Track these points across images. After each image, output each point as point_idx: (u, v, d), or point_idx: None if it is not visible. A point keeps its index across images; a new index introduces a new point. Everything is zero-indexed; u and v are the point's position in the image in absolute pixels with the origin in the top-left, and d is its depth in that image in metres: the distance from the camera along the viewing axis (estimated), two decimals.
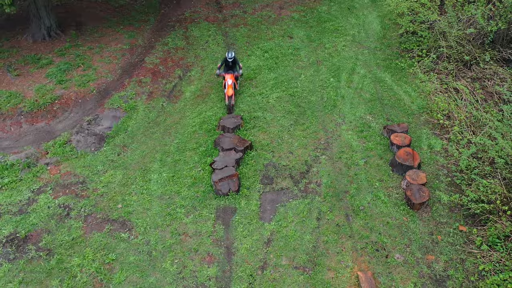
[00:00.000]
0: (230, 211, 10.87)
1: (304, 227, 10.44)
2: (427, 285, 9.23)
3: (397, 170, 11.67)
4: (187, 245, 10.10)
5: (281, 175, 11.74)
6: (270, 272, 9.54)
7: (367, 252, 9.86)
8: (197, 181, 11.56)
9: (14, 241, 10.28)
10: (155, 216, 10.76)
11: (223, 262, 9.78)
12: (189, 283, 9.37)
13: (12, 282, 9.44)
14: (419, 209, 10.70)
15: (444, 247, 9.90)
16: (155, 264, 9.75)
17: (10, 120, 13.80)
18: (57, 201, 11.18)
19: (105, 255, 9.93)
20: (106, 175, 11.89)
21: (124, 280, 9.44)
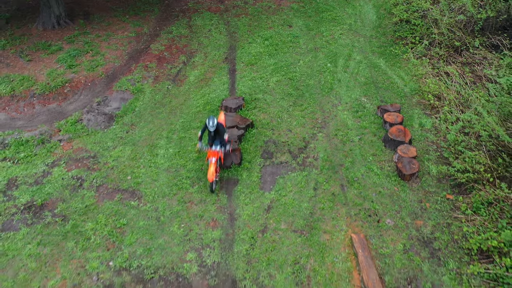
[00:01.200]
0: (232, 182, 11.62)
1: (301, 196, 11.18)
2: (415, 245, 9.97)
3: (389, 146, 12.42)
4: (192, 212, 10.85)
5: (280, 150, 12.49)
6: (270, 235, 10.29)
7: (360, 217, 10.61)
8: (202, 156, 12.31)
9: (31, 208, 11.03)
10: (163, 186, 11.51)
11: (227, 226, 10.52)
12: (195, 244, 10.12)
13: (30, 244, 10.19)
14: (409, 180, 11.45)
15: (432, 213, 10.65)
16: (163, 228, 10.49)
17: (23, 102, 14.54)
18: (70, 174, 11.93)
19: (117, 220, 10.67)
20: (116, 151, 12.64)
21: (134, 241, 10.19)
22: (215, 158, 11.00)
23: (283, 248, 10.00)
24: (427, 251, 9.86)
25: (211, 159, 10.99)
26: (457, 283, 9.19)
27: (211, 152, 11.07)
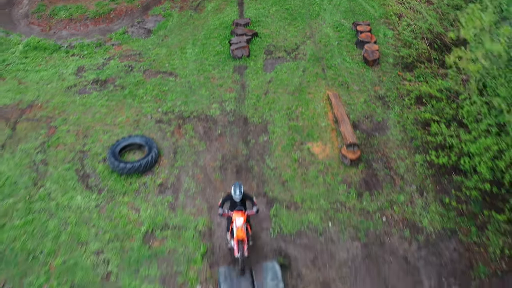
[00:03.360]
0: (243, 67, 15.83)
1: (293, 75, 15.39)
2: (372, 99, 14.20)
3: (359, 47, 16.62)
4: (214, 83, 15.06)
5: (278, 50, 16.70)
6: (271, 95, 14.51)
7: (335, 85, 14.84)
8: (220, 53, 16.52)
9: (98, 82, 15.24)
10: (192, 70, 15.73)
11: (239, 91, 14.74)
12: (217, 100, 14.33)
13: (101, 100, 14.41)
14: (372, 65, 15.66)
15: (386, 83, 14.86)
16: (194, 91, 14.71)
17: (79, 23, 18.75)
18: (123, 63, 16.15)
19: (160, 87, 14.88)
20: (155, 50, 16.86)
21: (175, 98, 14.40)
22: (242, 220, 9.04)
23: (280, 102, 14.22)
24: (381, 102, 14.10)
25: (237, 222, 9.03)
26: (399, 117, 13.42)
27: (237, 213, 9.14)
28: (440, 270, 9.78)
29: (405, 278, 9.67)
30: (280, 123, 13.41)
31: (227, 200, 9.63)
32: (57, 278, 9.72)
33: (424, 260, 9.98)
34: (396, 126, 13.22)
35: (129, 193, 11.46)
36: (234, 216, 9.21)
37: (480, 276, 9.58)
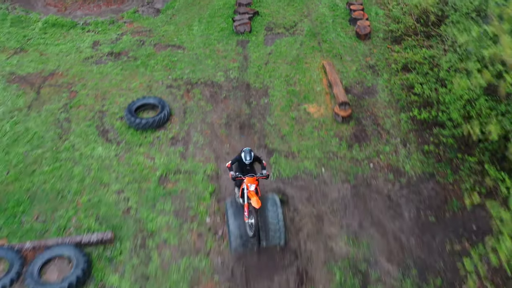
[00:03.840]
0: (245, 41, 17.23)
1: (291, 48, 16.79)
2: (363, 68, 15.59)
3: (352, 23, 18.01)
4: (219, 54, 16.46)
5: (278, 27, 18.10)
6: (271, 65, 15.90)
7: (330, 56, 16.23)
8: (224, 29, 17.91)
9: (112, 54, 16.63)
10: (198, 43, 17.12)
11: (242, 61, 16.14)
12: (222, 69, 15.72)
13: (116, 69, 15.80)
14: (364, 39, 17.05)
15: (377, 54, 16.25)
16: (201, 61, 16.10)
17: (93, 4, 20.12)
18: (134, 38, 17.54)
19: (170, 58, 16.28)
20: (164, 27, 18.25)
21: (183, 67, 15.80)
22: (254, 185, 9.67)
23: (279, 70, 15.61)
24: (371, 70, 15.50)
25: (249, 186, 9.64)
26: (387, 82, 14.82)
27: (249, 179, 9.71)
28: (419, 205, 11.18)
29: (388, 212, 11.07)
30: (279, 88, 14.80)
31: (235, 161, 10.20)
32: (83, 212, 11.12)
33: (405, 198, 11.38)
34: (384, 90, 14.62)
35: (145, 144, 12.86)
36: (246, 181, 9.75)
37: (453, 209, 10.98)
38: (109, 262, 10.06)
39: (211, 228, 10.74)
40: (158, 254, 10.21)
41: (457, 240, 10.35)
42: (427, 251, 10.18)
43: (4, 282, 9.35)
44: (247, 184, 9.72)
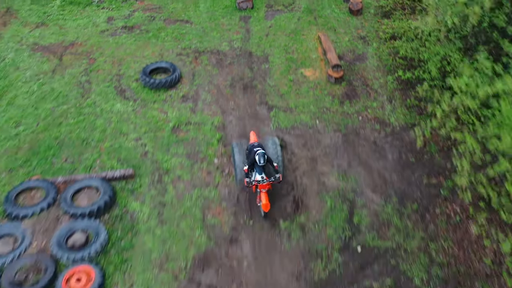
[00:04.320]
0: (247, 17, 18.75)
1: (290, 22, 18.32)
2: (355, 39, 17.14)
3: (346, 1, 19.52)
4: (224, 28, 17.99)
5: (277, 4, 19.60)
6: (271, 36, 17.43)
7: (325, 29, 17.77)
8: (227, 7, 19.43)
9: (126, 27, 18.17)
10: (204, 18, 18.64)
11: (245, 33, 17.68)
12: (226, 40, 17.25)
13: (130, 40, 17.34)
14: (356, 14, 18.60)
15: (367, 28, 17.77)
16: (207, 34, 17.64)
17: None
18: (145, 14, 19.07)
19: (179, 31, 17.81)
20: (172, 5, 19.76)
21: (191, 39, 17.34)
22: (265, 189, 10.71)
23: (278, 41, 17.16)
24: (362, 41, 17.04)
25: (262, 190, 10.67)
26: (376, 50, 16.37)
27: (262, 185, 10.65)
28: (401, 149, 12.74)
29: (373, 154, 12.62)
30: (279, 56, 16.34)
31: (251, 163, 10.80)
32: (106, 155, 12.67)
33: (389, 143, 12.93)
34: (373, 56, 16.16)
35: (158, 101, 14.40)
36: (260, 187, 10.67)
37: (431, 151, 12.53)
38: (131, 193, 11.62)
39: (219, 167, 12.29)
40: (173, 187, 11.77)
41: (433, 175, 11.91)
42: (406, 184, 11.74)
43: (42, 206, 10.91)
44: (260, 188, 10.70)
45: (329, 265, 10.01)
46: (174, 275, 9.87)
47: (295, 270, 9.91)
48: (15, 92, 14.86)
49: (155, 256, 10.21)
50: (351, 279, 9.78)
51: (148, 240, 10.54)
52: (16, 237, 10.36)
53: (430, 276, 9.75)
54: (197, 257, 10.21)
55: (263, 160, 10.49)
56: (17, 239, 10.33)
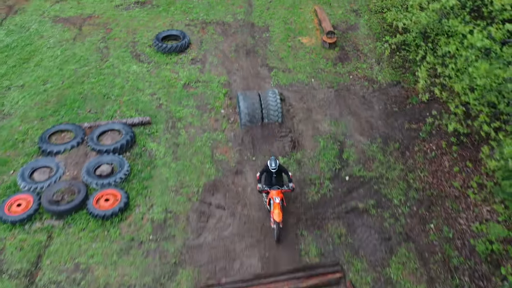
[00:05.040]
0: None
1: None
2: (348, 12, 18.74)
3: None
4: (228, 2, 19.57)
5: None
6: (271, 10, 19.04)
7: (320, 3, 19.38)
8: None
9: (138, 2, 19.76)
10: None
11: (247, 7, 19.28)
12: (230, 13, 18.87)
13: (142, 14, 18.95)
14: None
15: (359, 1, 19.37)
16: (213, 7, 19.23)
17: None
18: None
19: (187, 5, 19.40)
20: None
21: (198, 12, 18.95)
22: (279, 198, 10.31)
23: (278, 13, 18.77)
24: (354, 13, 18.65)
25: (275, 199, 10.30)
26: (367, 21, 17.98)
27: (274, 192, 10.39)
28: (386, 101, 14.36)
29: (362, 106, 14.24)
30: (278, 26, 17.97)
31: (264, 172, 10.75)
32: (125, 107, 14.30)
33: (376, 97, 14.55)
34: (364, 26, 17.78)
35: (170, 63, 16.03)
36: (272, 194, 10.40)
37: (412, 103, 14.15)
38: (149, 136, 13.26)
39: (225, 116, 13.93)
40: (185, 131, 13.41)
41: (414, 122, 13.53)
42: (390, 128, 13.37)
43: (72, 144, 12.55)
44: (273, 196, 10.38)
45: (321, 190, 11.65)
46: (188, 197, 11.51)
47: (292, 194, 11.53)
48: (41, 56, 16.50)
49: (171, 183, 11.85)
50: (339, 200, 11.41)
51: (164, 171, 12.18)
52: (51, 168, 12.01)
53: (407, 198, 11.38)
54: (208, 184, 11.84)
55: (275, 164, 10.41)
56: (52, 169, 11.97)
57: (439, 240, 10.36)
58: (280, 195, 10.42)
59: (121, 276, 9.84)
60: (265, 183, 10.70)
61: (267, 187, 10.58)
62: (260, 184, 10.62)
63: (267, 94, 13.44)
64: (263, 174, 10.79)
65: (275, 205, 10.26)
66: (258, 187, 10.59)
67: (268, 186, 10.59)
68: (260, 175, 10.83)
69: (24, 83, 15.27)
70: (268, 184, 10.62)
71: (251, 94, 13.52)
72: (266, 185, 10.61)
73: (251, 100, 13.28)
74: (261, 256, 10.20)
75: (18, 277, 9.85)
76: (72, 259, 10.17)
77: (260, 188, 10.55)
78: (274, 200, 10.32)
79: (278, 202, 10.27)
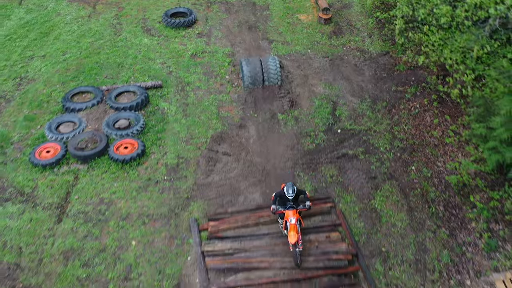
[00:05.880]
0: None
1: None
2: None
3: None
4: None
5: None
6: None
7: None
8: None
9: None
10: None
11: None
12: None
13: None
14: None
15: None
16: None
17: None
18: None
19: None
20: None
21: None
22: (295, 219, 9.60)
23: None
24: None
25: (290, 220, 9.60)
26: (360, 0, 19.41)
27: (289, 213, 9.68)
28: (376, 68, 15.79)
29: (354, 72, 15.67)
30: (278, 5, 19.39)
31: (279, 196, 9.97)
32: (139, 73, 15.73)
33: (367, 65, 15.98)
34: (358, 5, 19.20)
35: (178, 37, 17.46)
36: (287, 215, 9.70)
37: (400, 69, 15.58)
38: (161, 97, 14.69)
39: (230, 81, 15.36)
40: (193, 93, 14.84)
41: (400, 85, 14.95)
42: (378, 90, 14.80)
43: (93, 102, 13.98)
44: (288, 218, 9.66)
45: (316, 141, 13.08)
46: (197, 146, 12.94)
47: (289, 144, 12.96)
48: (59, 31, 17.94)
49: (182, 135, 13.28)
50: (332, 149, 12.84)
51: (176, 126, 13.61)
52: (75, 122, 13.43)
53: (392, 146, 12.81)
54: (215, 135, 13.28)
55: (292, 191, 9.65)
56: (76, 123, 13.40)
57: (418, 179, 11.79)
58: (296, 215, 9.69)
59: (141, 207, 11.27)
60: (279, 204, 9.97)
61: (281, 207, 9.88)
62: (275, 205, 9.92)
63: (268, 59, 14.87)
64: (277, 198, 10.03)
65: (291, 227, 9.51)
66: (272, 208, 9.90)
67: (282, 206, 9.88)
68: (274, 197, 10.09)
69: (45, 54, 16.71)
70: (282, 205, 9.92)
71: (253, 60, 14.95)
72: (281, 206, 9.90)
73: (253, 65, 14.71)
74: (262, 192, 11.63)
75: (50, 208, 11.27)
76: (97, 194, 11.60)
77: (274, 210, 9.86)
78: (289, 222, 9.59)
79: (294, 223, 9.54)
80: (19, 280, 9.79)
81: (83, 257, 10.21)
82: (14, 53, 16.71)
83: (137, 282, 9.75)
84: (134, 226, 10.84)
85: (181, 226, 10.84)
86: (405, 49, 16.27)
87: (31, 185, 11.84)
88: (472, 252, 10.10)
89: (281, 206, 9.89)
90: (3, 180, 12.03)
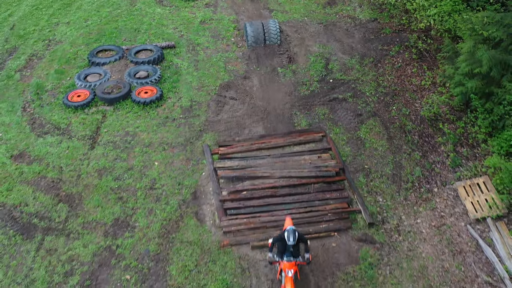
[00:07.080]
0: None
1: None
2: None
3: None
4: None
5: None
6: None
7: None
8: None
9: None
10: None
11: None
12: None
13: None
14: None
15: None
16: None
17: None
18: None
19: None
20: None
21: None
22: (292, 272, 8.83)
23: None
24: None
25: (287, 272, 8.83)
26: None
27: (287, 264, 8.87)
28: (365, 32, 17.74)
29: (345, 35, 17.63)
30: None
31: (278, 241, 8.99)
32: (154, 36, 17.67)
33: (357, 30, 17.94)
34: None
35: (188, 7, 19.43)
36: (284, 266, 8.84)
37: (386, 33, 17.54)
38: (174, 55, 16.65)
39: (235, 43, 17.32)
40: (203, 52, 16.80)
41: (386, 45, 16.91)
42: (366, 49, 16.76)
43: (115, 57, 15.94)
44: (285, 269, 8.84)
45: (310, 88, 15.03)
46: (208, 92, 14.90)
47: (288, 91, 14.91)
48: (80, 1, 19.92)
49: (194, 84, 15.24)
50: (325, 94, 14.79)
51: (188, 77, 15.57)
52: (100, 73, 15.39)
53: (377, 92, 14.76)
54: (222, 84, 15.24)
55: (293, 238, 8.65)
56: (101, 74, 15.35)
57: (398, 116, 13.75)
58: (294, 267, 8.88)
59: (161, 138, 13.23)
60: (278, 251, 9.08)
61: (279, 257, 9.01)
62: (271, 254, 9.03)
63: (269, 22, 16.83)
64: (276, 242, 9.10)
65: (287, 279, 8.79)
66: (268, 257, 9.04)
67: (280, 256, 9.01)
68: (272, 243, 9.12)
69: (69, 21, 18.68)
70: (280, 253, 9.03)
71: (256, 23, 16.92)
72: (278, 255, 9.03)
73: (256, 26, 16.67)
74: (264, 126, 13.60)
75: (84, 139, 13.23)
76: (123, 128, 13.56)
77: (271, 259, 9.00)
78: (286, 274, 8.82)
79: (291, 276, 8.79)
80: (62, 189, 11.75)
81: (114, 173, 12.17)
82: (41, 20, 18.69)
83: (161, 190, 11.71)
84: (156, 152, 12.80)
85: (196, 151, 12.80)
86: (392, 16, 18.27)
87: (66, 122, 13.79)
88: (440, 168, 12.06)
89: (279, 254, 9.05)
90: (41, 118, 13.99)
